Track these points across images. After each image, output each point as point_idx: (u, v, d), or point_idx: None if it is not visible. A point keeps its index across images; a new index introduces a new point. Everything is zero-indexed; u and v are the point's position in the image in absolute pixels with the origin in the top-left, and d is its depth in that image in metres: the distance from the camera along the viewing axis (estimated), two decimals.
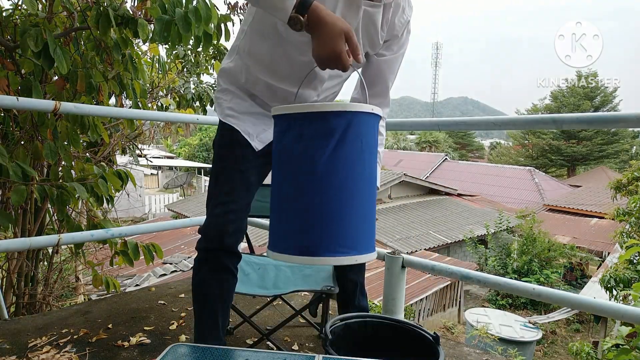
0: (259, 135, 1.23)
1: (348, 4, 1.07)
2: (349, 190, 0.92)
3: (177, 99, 3.64)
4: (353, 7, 1.08)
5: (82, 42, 2.28)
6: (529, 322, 7.71)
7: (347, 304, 1.49)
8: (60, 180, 1.98)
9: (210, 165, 1.30)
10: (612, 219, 8.04)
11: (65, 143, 2.10)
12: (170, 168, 21.98)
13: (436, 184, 15.01)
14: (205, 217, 1.23)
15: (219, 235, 1.18)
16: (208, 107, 3.79)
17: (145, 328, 1.70)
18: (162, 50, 3.50)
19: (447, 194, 14.91)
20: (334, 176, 0.92)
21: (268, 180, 1.14)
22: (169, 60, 3.71)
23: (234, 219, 1.19)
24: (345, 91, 1.38)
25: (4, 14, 2.07)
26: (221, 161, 1.23)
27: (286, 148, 0.96)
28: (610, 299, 5.33)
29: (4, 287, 2.29)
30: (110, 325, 1.71)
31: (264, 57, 1.18)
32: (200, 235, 1.22)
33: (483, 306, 9.65)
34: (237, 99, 1.24)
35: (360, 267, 1.49)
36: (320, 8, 0.94)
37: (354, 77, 1.27)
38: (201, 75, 3.92)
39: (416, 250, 9.54)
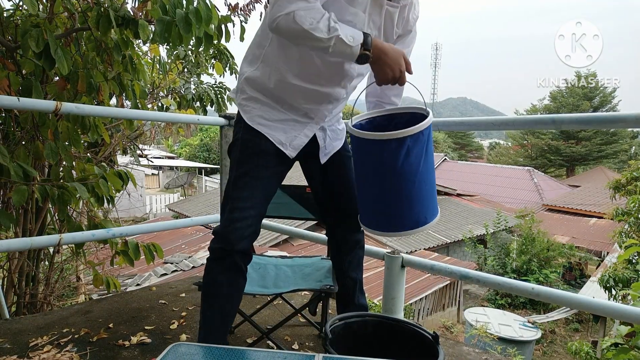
0: (292, 142, 1.28)
1: (373, 3, 1.18)
2: (432, 178, 1.27)
3: (178, 100, 3.64)
4: (377, 7, 1.19)
5: (83, 43, 2.28)
6: (528, 322, 7.72)
7: (347, 303, 1.50)
8: (61, 181, 1.99)
9: (211, 165, 1.33)
10: (611, 219, 8.05)
11: (66, 143, 2.11)
12: (171, 168, 21.96)
13: (435, 184, 14.98)
14: (206, 216, 1.28)
15: (235, 237, 1.20)
16: (208, 108, 3.80)
17: (146, 327, 1.70)
18: (163, 50, 3.51)
19: (446, 194, 14.91)
20: (426, 171, 1.22)
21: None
22: (169, 61, 3.71)
23: (251, 223, 1.23)
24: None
25: (4, 14, 2.08)
26: (242, 166, 1.25)
27: (392, 161, 1.16)
28: (609, 299, 5.33)
29: (5, 286, 2.30)
30: (111, 325, 1.71)
31: (294, 63, 1.22)
32: (213, 236, 1.24)
33: (482, 305, 9.65)
34: (266, 107, 1.27)
35: (360, 265, 1.51)
36: (379, 41, 1.13)
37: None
38: (201, 75, 3.92)
39: (416, 250, 9.55)
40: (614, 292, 5.37)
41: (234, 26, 2.24)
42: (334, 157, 1.41)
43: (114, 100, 2.55)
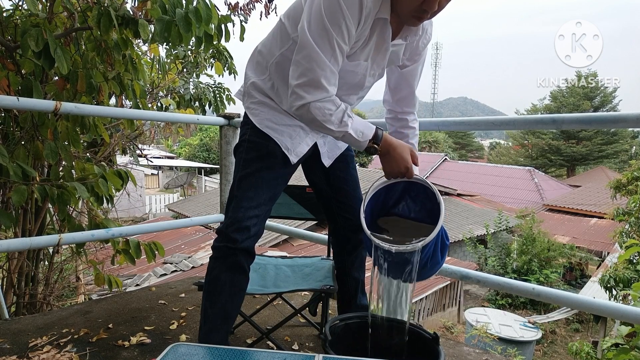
0: (295, 149, 1.29)
1: (378, 48, 1.18)
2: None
3: (177, 99, 3.64)
4: (381, 52, 1.19)
5: (83, 43, 2.28)
6: (529, 322, 7.72)
7: (349, 303, 1.50)
8: (61, 180, 1.99)
9: (210, 165, 1.33)
10: (612, 219, 8.05)
11: (66, 143, 2.10)
12: (171, 168, 21.96)
13: (436, 184, 14.96)
14: (206, 216, 1.27)
15: (239, 236, 1.20)
16: (206, 108, 3.80)
17: (146, 328, 1.70)
18: (162, 50, 3.51)
19: (446, 194, 14.90)
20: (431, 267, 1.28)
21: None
22: (168, 61, 3.71)
23: (256, 223, 1.23)
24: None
25: (4, 14, 2.07)
26: (249, 166, 1.26)
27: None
28: (609, 299, 5.33)
29: (4, 287, 2.29)
30: (110, 325, 1.71)
31: None
32: (217, 234, 1.24)
33: (483, 306, 9.65)
34: (275, 111, 1.27)
35: (362, 266, 1.50)
36: (389, 137, 1.18)
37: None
38: (200, 76, 3.92)
39: None
40: (614, 292, 5.36)
41: (234, 26, 2.24)
42: (338, 157, 1.42)
43: (113, 100, 2.55)
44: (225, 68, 3.66)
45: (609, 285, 5.37)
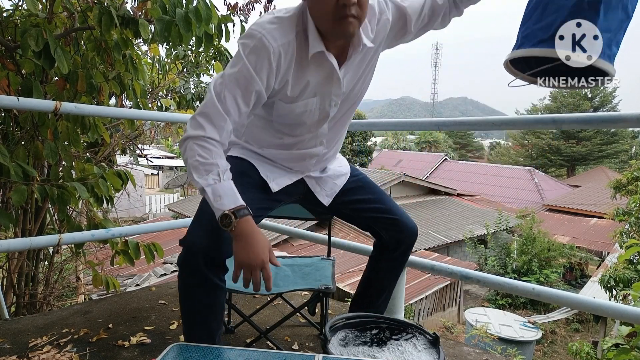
0: (276, 179, 1.23)
1: (326, 81, 1.11)
2: None
3: (178, 100, 3.64)
4: (332, 81, 1.12)
5: (83, 43, 2.28)
6: (529, 322, 7.72)
7: (364, 307, 1.44)
8: (61, 180, 1.99)
9: None
10: (612, 219, 8.05)
11: (66, 143, 2.10)
12: (171, 168, 21.97)
13: (436, 184, 15.02)
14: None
15: (212, 250, 1.06)
16: None
17: (146, 328, 1.70)
18: (162, 50, 3.51)
19: (446, 194, 14.91)
20: None
21: None
22: (169, 61, 3.71)
23: (227, 236, 1.05)
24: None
25: (4, 14, 2.07)
26: None
27: None
28: (609, 299, 5.33)
29: (4, 287, 2.29)
30: (110, 325, 1.71)
31: (264, 137, 1.24)
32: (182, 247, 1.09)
33: (483, 306, 9.65)
34: (248, 151, 1.27)
35: (395, 274, 1.46)
36: (251, 221, 1.00)
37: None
38: (201, 75, 3.92)
39: (416, 250, 9.54)
40: (614, 292, 5.36)
41: (234, 26, 2.24)
42: (346, 185, 1.37)
43: (113, 100, 2.55)
44: None
45: (609, 285, 5.37)
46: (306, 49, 1.06)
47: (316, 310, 1.57)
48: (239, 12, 2.68)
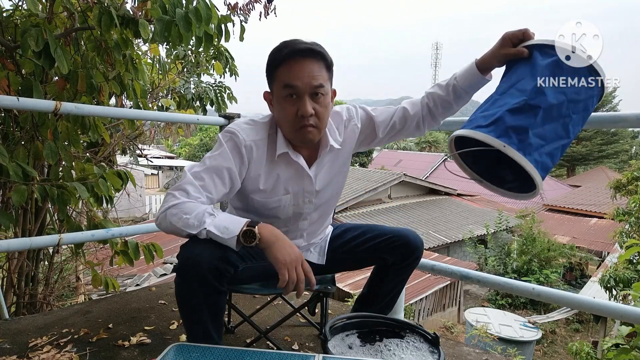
0: None
1: (296, 178, 1.21)
2: None
3: (178, 99, 3.64)
4: (303, 178, 1.22)
5: (83, 43, 2.28)
6: (529, 322, 7.72)
7: (367, 309, 1.42)
8: (61, 180, 1.99)
9: None
10: (612, 219, 8.05)
11: (66, 143, 2.10)
12: (171, 168, 21.98)
13: (436, 184, 15.02)
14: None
15: (218, 261, 1.03)
16: (208, 107, 3.80)
17: (146, 328, 1.70)
18: (162, 50, 3.51)
19: (446, 194, 14.91)
20: None
21: None
22: (169, 61, 3.71)
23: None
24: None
25: (4, 14, 2.07)
26: None
27: None
28: (609, 299, 5.33)
29: (4, 286, 2.30)
30: (110, 325, 1.71)
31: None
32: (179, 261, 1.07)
33: (483, 306, 9.65)
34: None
35: (398, 280, 1.41)
36: (270, 226, 1.06)
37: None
38: (202, 75, 3.92)
39: None
40: (614, 292, 5.37)
41: (233, 26, 2.24)
42: (333, 234, 1.40)
43: (113, 100, 2.55)
44: (227, 69, 3.65)
45: (609, 285, 5.37)
46: (275, 149, 1.17)
47: (316, 311, 1.57)
48: (239, 12, 2.69)
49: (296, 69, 1.09)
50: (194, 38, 2.06)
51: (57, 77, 2.12)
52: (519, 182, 1.06)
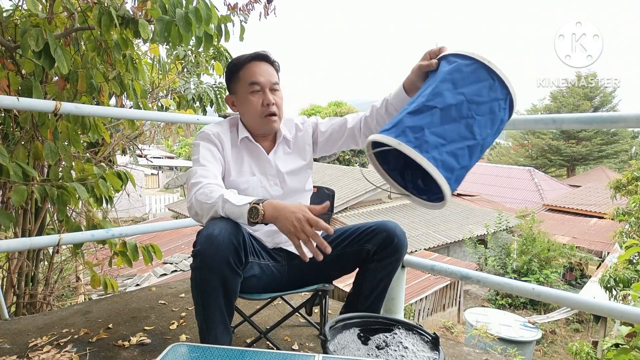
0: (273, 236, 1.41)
1: (259, 162, 1.40)
2: None
3: (178, 100, 3.64)
4: (265, 163, 1.40)
5: (83, 43, 2.28)
6: (529, 322, 7.72)
7: (354, 308, 1.43)
8: (61, 181, 1.99)
9: None
10: (612, 219, 8.05)
11: (66, 143, 2.10)
12: (171, 168, 21.98)
13: None
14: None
15: (230, 251, 1.10)
16: (208, 107, 3.79)
17: (146, 328, 1.70)
18: (163, 50, 3.51)
19: None
20: None
21: None
22: (169, 61, 3.71)
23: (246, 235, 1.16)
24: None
25: (4, 14, 2.07)
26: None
27: None
28: (609, 299, 5.33)
29: (4, 287, 2.29)
30: (110, 325, 1.71)
31: None
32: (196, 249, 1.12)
33: (483, 306, 9.66)
34: None
35: (376, 278, 1.42)
36: (273, 200, 1.14)
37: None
38: (202, 75, 3.92)
39: (416, 250, 9.54)
40: (614, 292, 5.36)
41: (233, 26, 2.24)
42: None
43: (113, 100, 2.55)
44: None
45: (609, 285, 5.36)
46: (237, 136, 1.40)
47: (314, 310, 1.57)
48: (238, 12, 2.68)
49: (257, 69, 1.34)
50: (194, 38, 2.06)
51: (57, 77, 2.12)
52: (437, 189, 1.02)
